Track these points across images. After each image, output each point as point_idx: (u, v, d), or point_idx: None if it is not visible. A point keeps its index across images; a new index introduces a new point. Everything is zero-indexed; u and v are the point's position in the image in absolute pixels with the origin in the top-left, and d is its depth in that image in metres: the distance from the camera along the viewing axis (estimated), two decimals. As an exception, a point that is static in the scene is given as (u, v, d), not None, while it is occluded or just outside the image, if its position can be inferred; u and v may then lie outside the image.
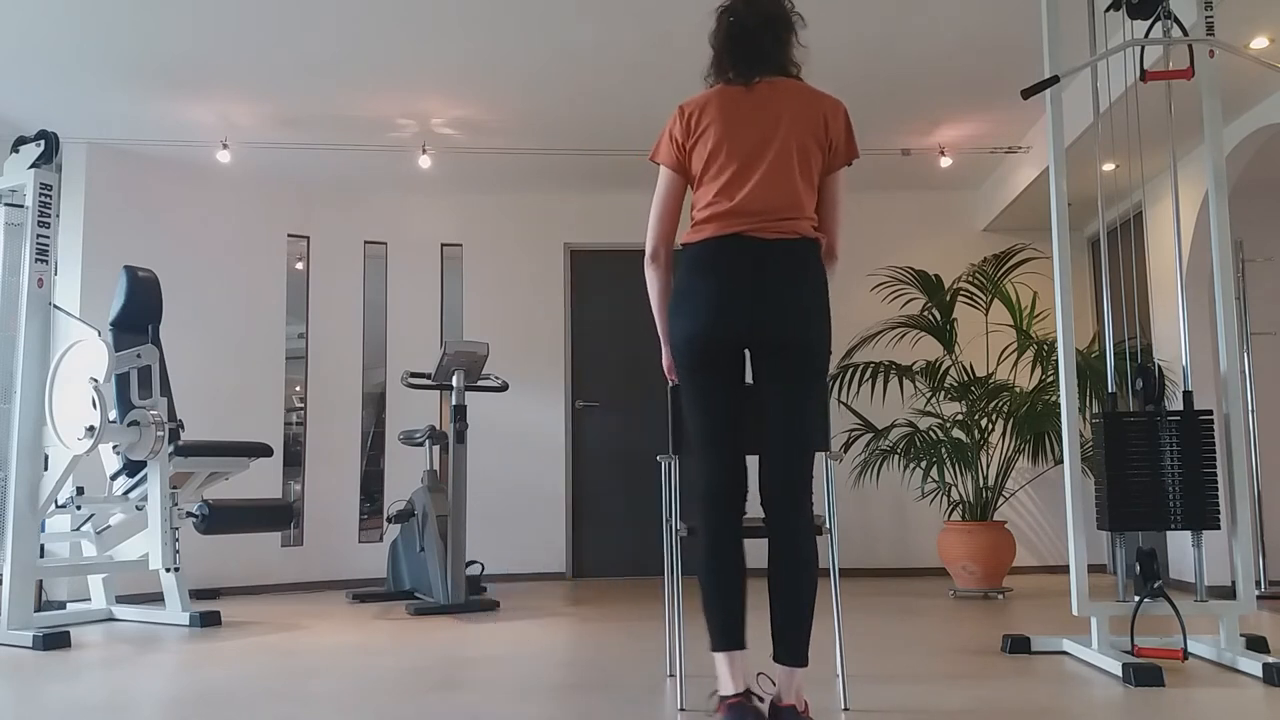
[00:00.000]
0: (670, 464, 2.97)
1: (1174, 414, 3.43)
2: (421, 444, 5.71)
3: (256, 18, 4.41)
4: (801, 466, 2.34)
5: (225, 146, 5.78)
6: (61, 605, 5.24)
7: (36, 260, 4.45)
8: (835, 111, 2.43)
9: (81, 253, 5.72)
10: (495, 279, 6.94)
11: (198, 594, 5.85)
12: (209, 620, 4.64)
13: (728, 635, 2.29)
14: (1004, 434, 5.62)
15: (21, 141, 4.55)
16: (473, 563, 5.85)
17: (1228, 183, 3.98)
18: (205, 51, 4.73)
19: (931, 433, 5.71)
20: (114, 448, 4.77)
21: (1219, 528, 3.40)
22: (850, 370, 5.94)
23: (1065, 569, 6.66)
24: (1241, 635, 3.38)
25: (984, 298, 5.81)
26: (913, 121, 5.75)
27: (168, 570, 4.46)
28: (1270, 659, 3.04)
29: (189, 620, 4.63)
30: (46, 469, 4.43)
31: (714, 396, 2.35)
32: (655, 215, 2.49)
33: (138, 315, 5.08)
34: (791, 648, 2.29)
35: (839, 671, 2.78)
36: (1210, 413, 3.42)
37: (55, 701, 2.92)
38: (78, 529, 4.98)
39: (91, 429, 4.25)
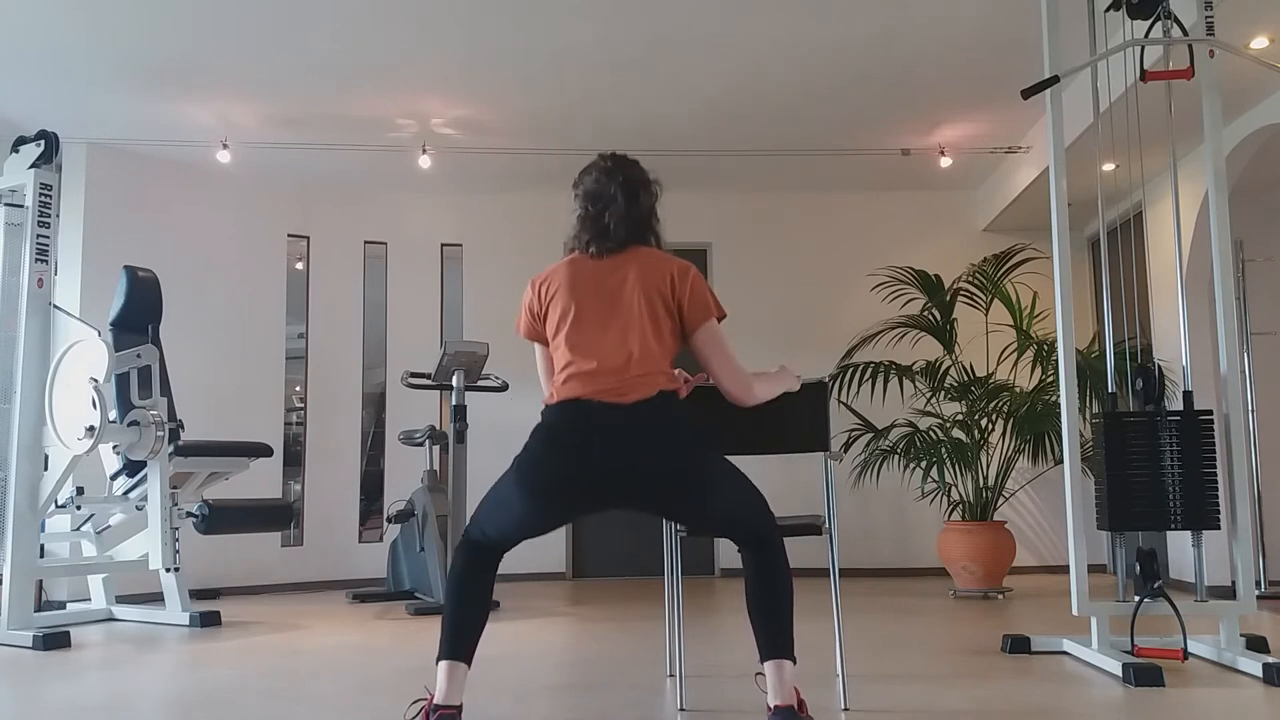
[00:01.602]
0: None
1: (1174, 414, 3.43)
2: (421, 444, 5.70)
3: (256, 18, 4.41)
4: (750, 524, 2.40)
5: (225, 146, 5.78)
6: (61, 605, 5.24)
7: (36, 260, 4.45)
8: (684, 274, 2.47)
9: (81, 253, 5.72)
10: (495, 279, 6.94)
11: (198, 594, 5.85)
12: (209, 620, 4.63)
13: (455, 645, 2.33)
14: (1004, 434, 5.61)
15: (21, 141, 4.55)
16: (473, 563, 5.84)
17: (1228, 183, 3.98)
18: (205, 51, 4.73)
19: (931, 433, 5.71)
20: (114, 448, 4.77)
21: (1219, 528, 3.40)
22: (850, 370, 5.94)
23: (1065, 569, 6.66)
24: (1241, 635, 3.38)
25: (984, 298, 5.81)
26: (913, 121, 5.75)
27: (168, 570, 4.46)
28: (1270, 659, 3.04)
29: (189, 620, 4.63)
30: (46, 469, 4.43)
31: (531, 516, 2.39)
32: (542, 383, 2.58)
33: (138, 315, 5.08)
34: (773, 643, 2.32)
35: (839, 671, 2.78)
36: (1210, 413, 3.42)
37: (55, 701, 2.92)
38: (78, 529, 4.98)
39: (91, 429, 4.25)
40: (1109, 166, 5.58)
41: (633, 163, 2.61)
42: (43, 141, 4.46)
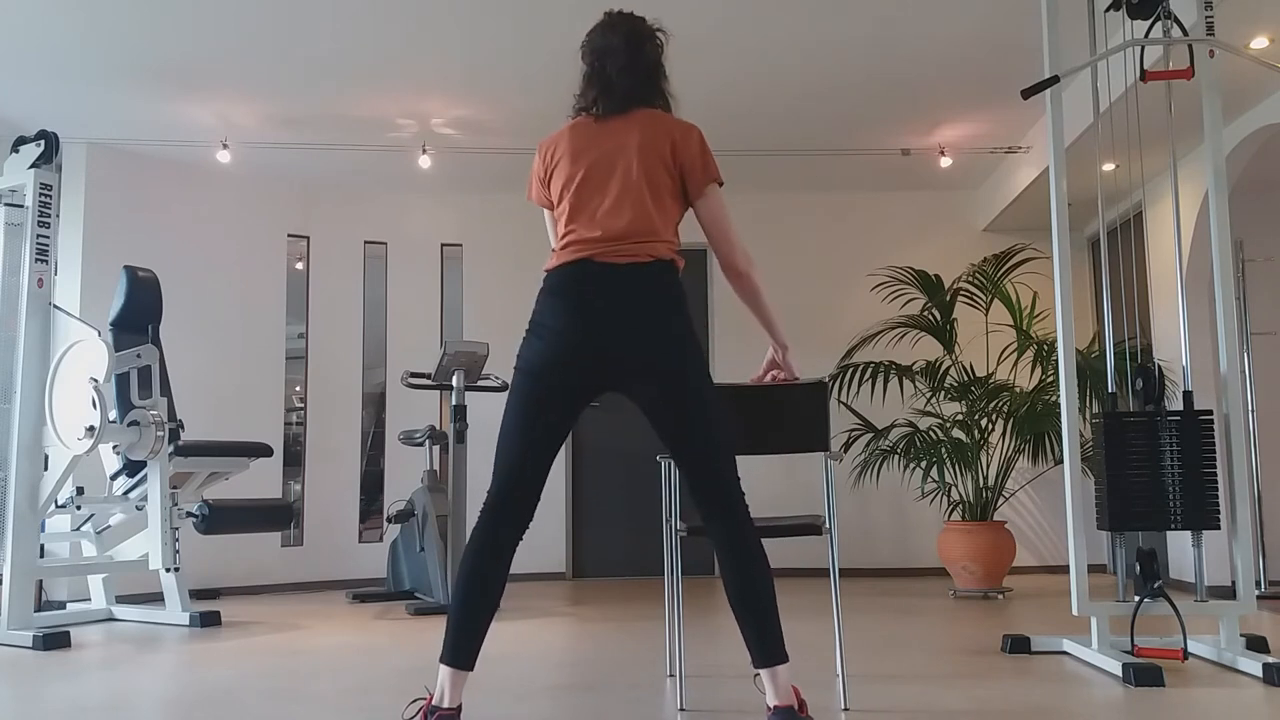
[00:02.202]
0: (670, 464, 2.97)
1: (1174, 414, 3.43)
2: (421, 444, 5.70)
3: (256, 18, 4.41)
4: (720, 469, 2.33)
5: (225, 146, 5.78)
6: (61, 605, 5.24)
7: (36, 260, 4.45)
8: (686, 135, 2.44)
9: (81, 253, 5.72)
10: (495, 279, 6.94)
11: (198, 594, 5.85)
12: (209, 620, 4.63)
13: (457, 652, 2.28)
14: (1004, 434, 5.61)
15: (21, 141, 4.55)
16: (473, 563, 5.84)
17: (1228, 183, 3.98)
18: (205, 51, 4.73)
19: (931, 433, 5.71)
20: (114, 448, 4.77)
21: (1219, 528, 3.40)
22: (850, 370, 5.94)
23: (1065, 569, 6.66)
24: (1241, 635, 3.38)
25: (984, 298, 5.81)
26: (913, 121, 5.75)
27: (168, 570, 4.46)
28: (1270, 659, 3.04)
29: (189, 620, 4.63)
30: (46, 469, 4.43)
31: (536, 419, 2.34)
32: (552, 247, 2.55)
33: (138, 315, 5.08)
34: (763, 649, 2.27)
35: (839, 671, 2.78)
36: (1210, 413, 3.42)
37: (55, 701, 2.92)
38: (78, 529, 4.98)
39: (91, 429, 4.25)
40: (1109, 166, 5.58)
41: (637, 17, 2.56)
42: (43, 141, 4.46)
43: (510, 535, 2.35)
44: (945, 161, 6.24)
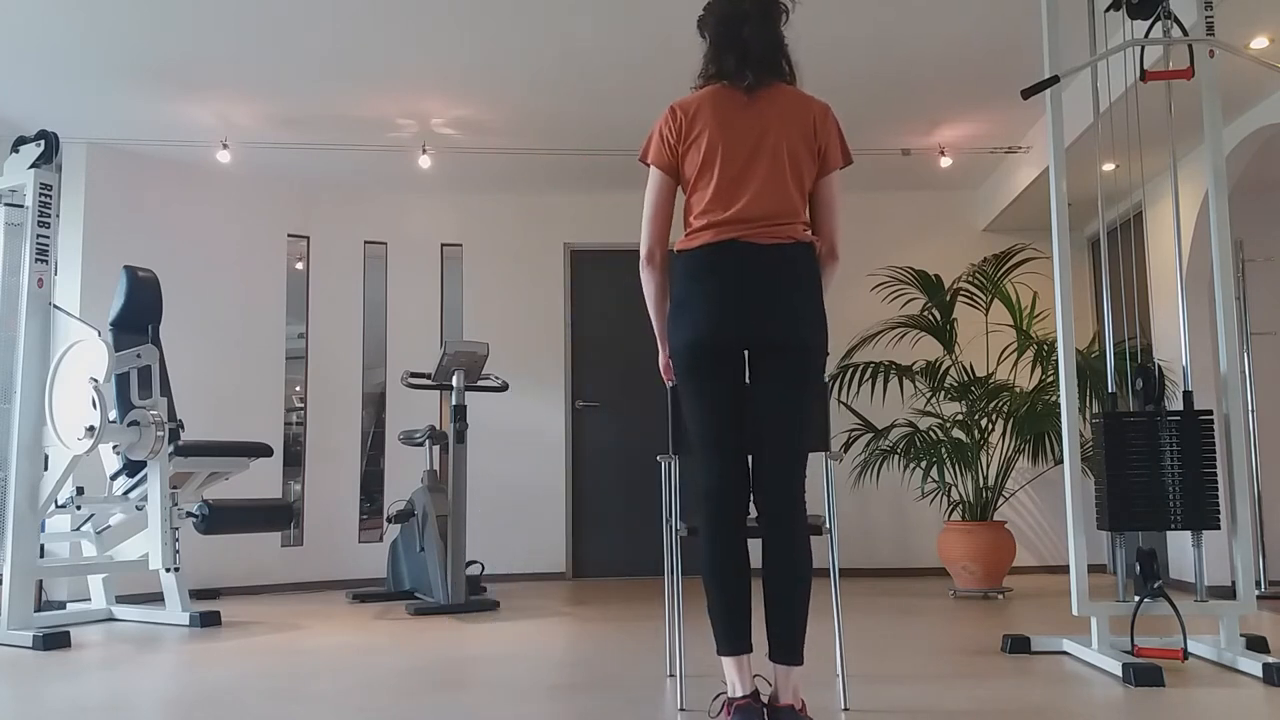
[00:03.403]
0: (670, 464, 2.97)
1: (1174, 414, 3.43)
2: (421, 444, 5.70)
3: (256, 18, 4.41)
4: (796, 469, 2.35)
5: (225, 146, 5.78)
6: (61, 605, 5.24)
7: (36, 260, 4.45)
8: (824, 116, 2.44)
9: (81, 253, 5.72)
10: (495, 279, 6.94)
11: (198, 594, 5.85)
12: (209, 620, 4.64)
13: (734, 640, 2.32)
14: (1004, 434, 5.62)
15: (21, 141, 4.55)
16: (473, 563, 5.85)
17: (1228, 183, 3.98)
18: (205, 51, 4.73)
19: (931, 433, 5.71)
20: (114, 448, 4.77)
21: (1219, 528, 3.40)
22: (850, 370, 5.94)
23: (1065, 569, 6.66)
24: (1241, 635, 3.38)
25: (984, 298, 5.81)
26: (913, 121, 5.75)
27: (168, 570, 4.46)
28: (1270, 659, 3.04)
29: (189, 620, 4.63)
30: (46, 469, 4.43)
31: (716, 399, 2.35)
32: (648, 217, 2.48)
33: (138, 315, 5.08)
34: (787, 648, 2.30)
35: (839, 671, 2.78)
36: (1210, 413, 3.42)
37: (55, 701, 2.92)
38: (78, 529, 4.98)
39: (91, 429, 4.25)
40: (1109, 166, 5.58)
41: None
42: (43, 141, 4.46)
43: (742, 517, 2.38)
44: (945, 161, 6.24)
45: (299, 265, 6.74)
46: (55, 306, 4.51)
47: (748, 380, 2.41)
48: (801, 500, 2.36)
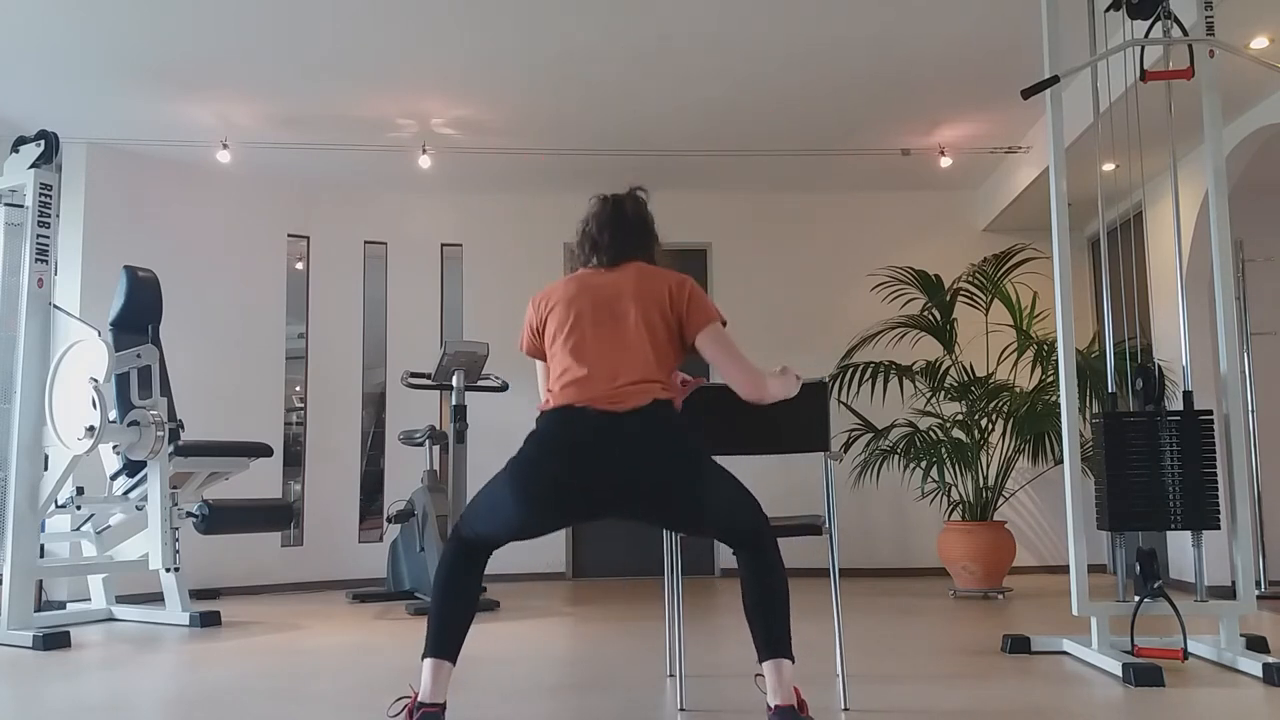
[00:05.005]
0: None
1: (1174, 414, 3.43)
2: (421, 444, 5.70)
3: (256, 18, 4.41)
4: (744, 527, 2.40)
5: (225, 146, 5.78)
6: (61, 605, 5.24)
7: (36, 260, 4.45)
8: (681, 285, 2.52)
9: (81, 253, 5.72)
10: (495, 279, 6.94)
11: (198, 594, 5.85)
12: (209, 620, 4.63)
13: (441, 645, 2.33)
14: (1004, 434, 5.61)
15: (21, 141, 4.55)
16: (473, 563, 5.84)
17: (1228, 183, 3.98)
18: (205, 51, 4.73)
19: (931, 433, 5.71)
20: (114, 448, 4.77)
21: (1219, 528, 3.40)
22: (850, 370, 5.94)
23: (1065, 569, 6.66)
24: (1241, 635, 3.38)
25: (984, 298, 5.81)
26: (913, 121, 5.75)
27: (168, 570, 4.46)
28: (1270, 659, 3.04)
29: (189, 620, 4.63)
30: (46, 469, 4.43)
31: (523, 520, 2.38)
32: (541, 396, 2.58)
33: (138, 315, 5.08)
34: (766, 639, 2.33)
35: (839, 671, 2.78)
36: (1210, 413, 3.42)
37: (55, 701, 2.92)
38: (78, 529, 4.98)
39: (91, 429, 4.25)
40: (1109, 166, 5.58)
41: (631, 195, 2.71)
42: (43, 141, 4.46)
43: (482, 561, 2.45)
44: (945, 161, 6.24)
45: (299, 265, 6.74)
46: (55, 306, 4.51)
47: (663, 525, 2.50)
48: (769, 534, 2.41)
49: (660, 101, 5.40)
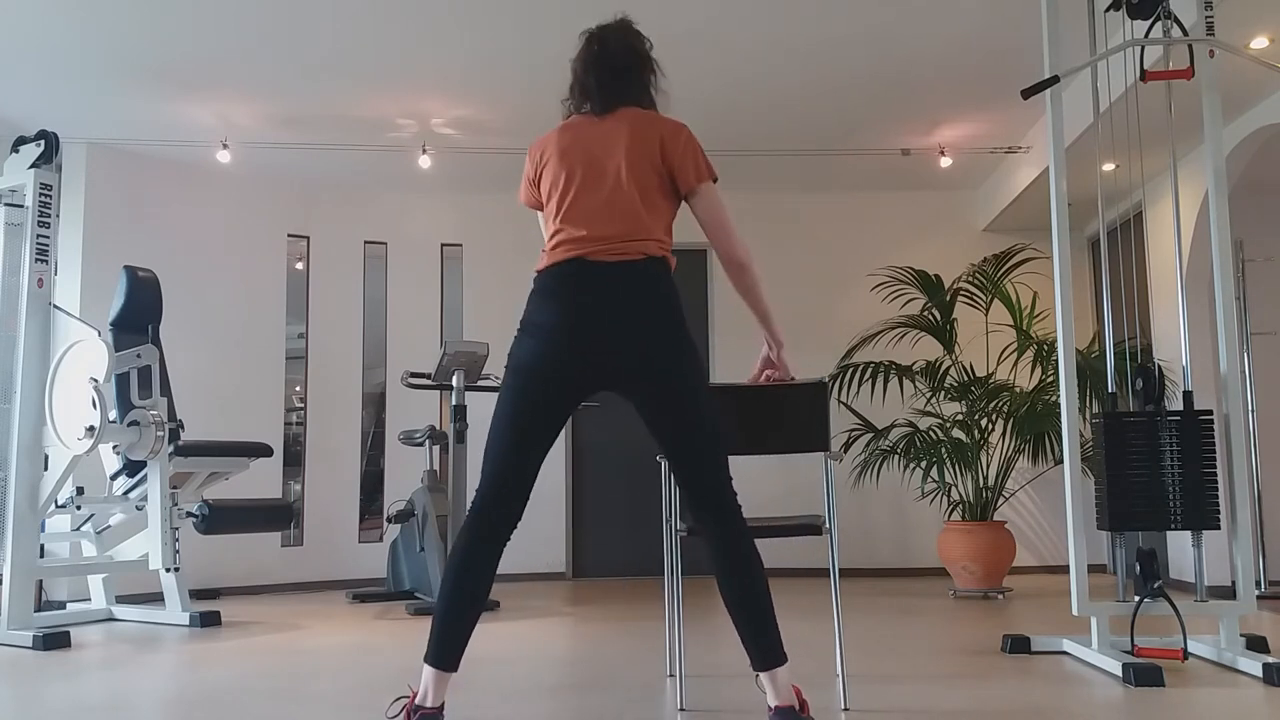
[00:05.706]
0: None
1: (1174, 414, 3.43)
2: (421, 444, 5.70)
3: (256, 18, 4.41)
4: (715, 472, 2.33)
5: (225, 146, 5.78)
6: (61, 605, 5.24)
7: (36, 260, 4.45)
8: (674, 134, 2.46)
9: (81, 253, 5.72)
10: (495, 279, 6.94)
11: (198, 594, 5.85)
12: (209, 620, 4.64)
13: (442, 653, 2.28)
14: (1004, 434, 5.62)
15: (21, 141, 4.55)
16: (473, 563, 5.84)
17: (1228, 183, 3.98)
18: (205, 51, 4.73)
19: (931, 433, 5.71)
20: (114, 448, 4.77)
21: (1219, 528, 3.40)
22: (850, 370, 5.94)
23: (1065, 569, 6.66)
24: (1241, 635, 3.38)
25: (984, 298, 5.81)
26: (913, 121, 5.75)
27: (168, 570, 4.46)
28: (1270, 659, 3.04)
29: (189, 620, 4.63)
30: (46, 469, 4.43)
31: (528, 418, 2.32)
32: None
33: (138, 315, 5.08)
34: (762, 653, 2.28)
35: (839, 671, 2.78)
36: (1210, 413, 3.42)
37: (55, 701, 2.92)
38: (78, 529, 4.98)
39: (91, 429, 4.25)
40: (1109, 166, 5.58)
41: (614, 22, 2.64)
42: (43, 141, 4.46)
43: (498, 536, 2.33)
44: (945, 161, 6.24)
45: (299, 265, 6.74)
46: (55, 306, 4.51)
47: (641, 408, 2.37)
48: (732, 501, 2.33)
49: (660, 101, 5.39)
